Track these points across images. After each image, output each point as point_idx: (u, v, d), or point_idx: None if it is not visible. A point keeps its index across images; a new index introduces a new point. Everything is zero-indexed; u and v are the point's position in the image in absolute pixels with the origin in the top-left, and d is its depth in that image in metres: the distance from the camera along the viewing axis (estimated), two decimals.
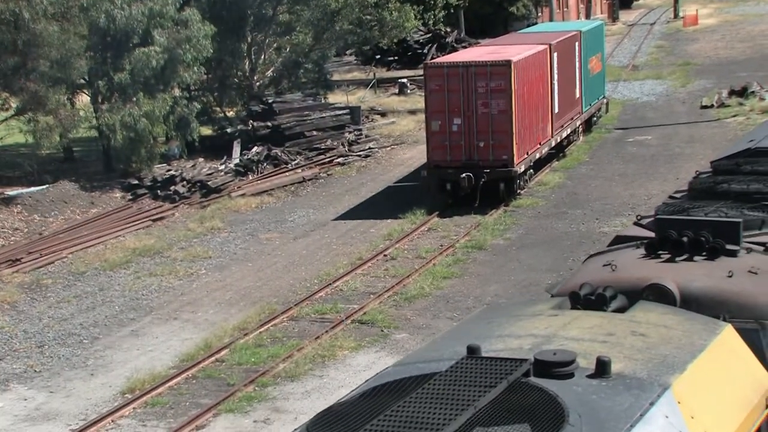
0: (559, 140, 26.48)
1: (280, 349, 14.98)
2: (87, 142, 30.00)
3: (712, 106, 33.07)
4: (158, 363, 14.90)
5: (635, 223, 7.89)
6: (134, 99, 25.96)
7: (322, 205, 24.24)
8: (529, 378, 4.57)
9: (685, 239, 6.58)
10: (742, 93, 33.68)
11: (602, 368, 4.62)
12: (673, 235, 6.60)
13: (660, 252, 6.67)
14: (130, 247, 21.25)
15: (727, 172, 9.11)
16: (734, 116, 31.01)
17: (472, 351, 4.79)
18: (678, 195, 8.81)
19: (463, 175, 22.25)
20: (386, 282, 17.90)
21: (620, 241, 7.39)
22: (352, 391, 4.96)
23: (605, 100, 32.44)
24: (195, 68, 27.24)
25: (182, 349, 15.41)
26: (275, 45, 33.97)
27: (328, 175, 27.35)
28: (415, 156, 28.24)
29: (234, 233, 22.19)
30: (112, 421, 13.04)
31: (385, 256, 19.56)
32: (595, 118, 31.23)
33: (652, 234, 6.98)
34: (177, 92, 28.01)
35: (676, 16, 63.86)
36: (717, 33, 54.38)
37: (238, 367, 14.53)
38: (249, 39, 32.52)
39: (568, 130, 27.34)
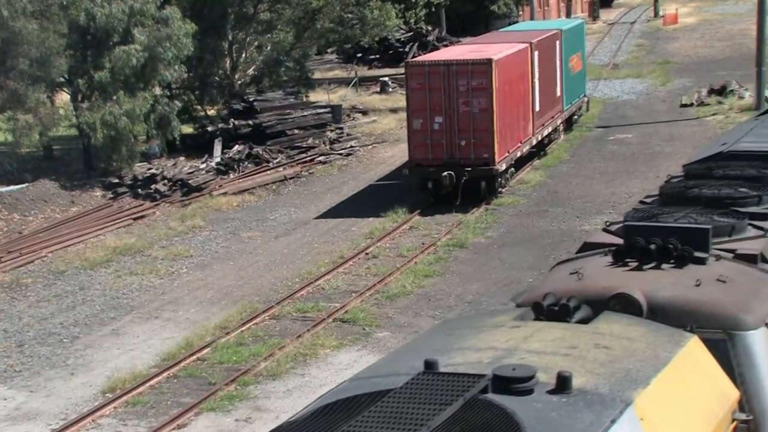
0: (540, 138, 26.58)
1: (262, 348, 15.02)
2: (67, 140, 29.90)
3: (691, 104, 33.27)
4: (139, 362, 14.91)
5: (604, 230, 7.70)
6: (114, 97, 25.89)
7: (303, 204, 24.27)
8: (487, 394, 4.39)
9: (652, 246, 6.40)
10: (722, 92, 33.91)
11: (563, 383, 4.43)
12: (641, 242, 6.42)
13: (628, 260, 6.50)
14: (110, 246, 21.22)
15: (699, 176, 8.91)
16: (714, 115, 31.23)
17: (430, 366, 4.64)
18: (649, 200, 8.56)
19: (445, 173, 22.33)
20: (368, 280, 17.96)
21: (588, 247, 7.19)
22: (305, 408, 4.84)
23: (586, 99, 32.57)
24: (176, 66, 27.17)
25: (163, 348, 15.42)
26: (256, 43, 33.94)
27: (309, 173, 27.38)
28: (397, 154, 28.29)
29: (215, 232, 22.20)
30: (93, 420, 13.04)
31: (366, 254, 19.62)
32: (575, 117, 31.35)
33: (620, 240, 6.76)
34: (158, 91, 27.92)
35: (656, 14, 64.19)
36: (696, 32, 54.64)
37: (220, 366, 14.56)
38: (230, 37, 32.49)
39: (549, 129, 27.46)
